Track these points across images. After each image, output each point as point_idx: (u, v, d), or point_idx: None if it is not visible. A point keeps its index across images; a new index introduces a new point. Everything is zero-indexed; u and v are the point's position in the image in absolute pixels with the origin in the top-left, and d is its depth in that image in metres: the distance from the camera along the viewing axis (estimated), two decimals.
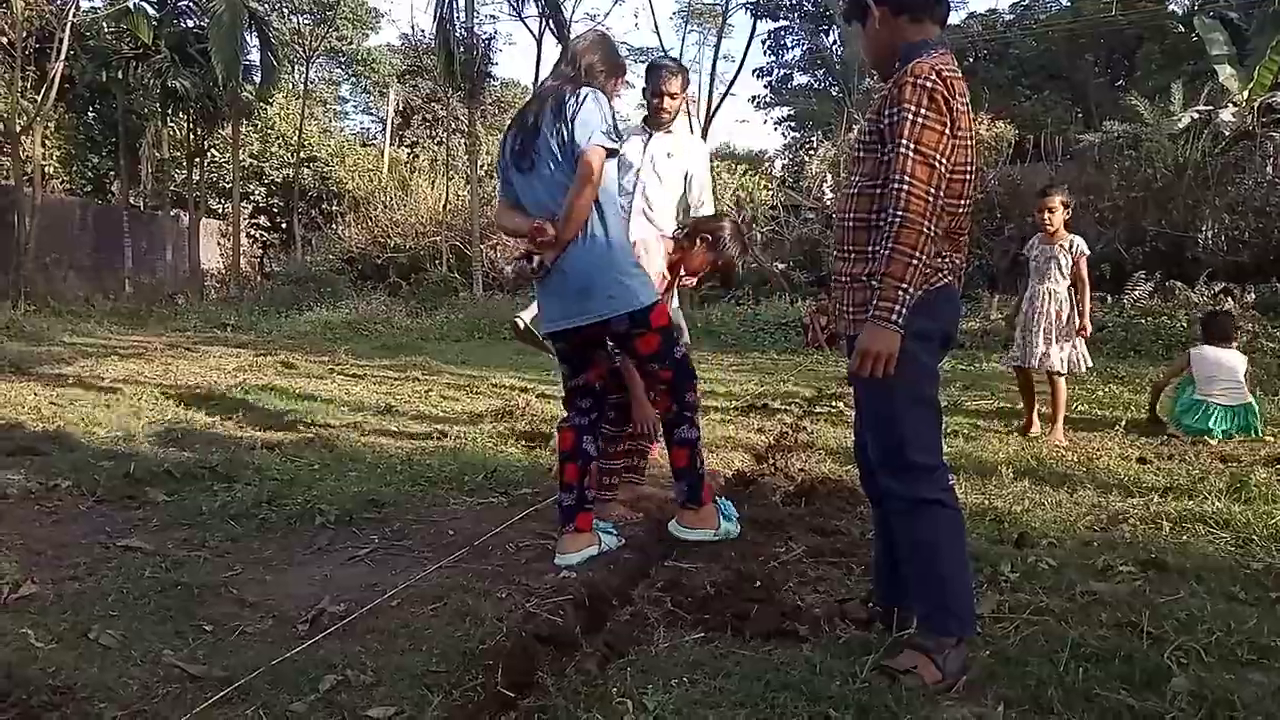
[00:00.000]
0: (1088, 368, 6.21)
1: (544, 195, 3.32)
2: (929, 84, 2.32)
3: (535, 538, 3.64)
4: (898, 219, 2.29)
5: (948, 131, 2.33)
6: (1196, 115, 15.05)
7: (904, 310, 2.31)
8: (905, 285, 2.29)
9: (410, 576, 3.14)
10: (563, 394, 3.63)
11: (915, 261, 2.29)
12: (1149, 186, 14.59)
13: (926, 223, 2.29)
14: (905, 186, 2.29)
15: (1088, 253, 5.94)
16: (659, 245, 3.95)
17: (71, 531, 3.64)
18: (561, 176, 3.27)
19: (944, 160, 2.32)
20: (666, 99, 4.37)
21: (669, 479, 4.33)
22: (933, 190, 2.30)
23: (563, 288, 3.33)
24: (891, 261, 2.30)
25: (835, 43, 29.52)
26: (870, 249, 2.43)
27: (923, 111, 2.31)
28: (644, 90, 4.49)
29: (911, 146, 2.30)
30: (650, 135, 4.42)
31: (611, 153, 3.29)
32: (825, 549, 3.51)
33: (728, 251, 3.91)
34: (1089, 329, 6.00)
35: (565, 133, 3.24)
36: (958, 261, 2.53)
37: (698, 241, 3.92)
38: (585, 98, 3.27)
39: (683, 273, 4.03)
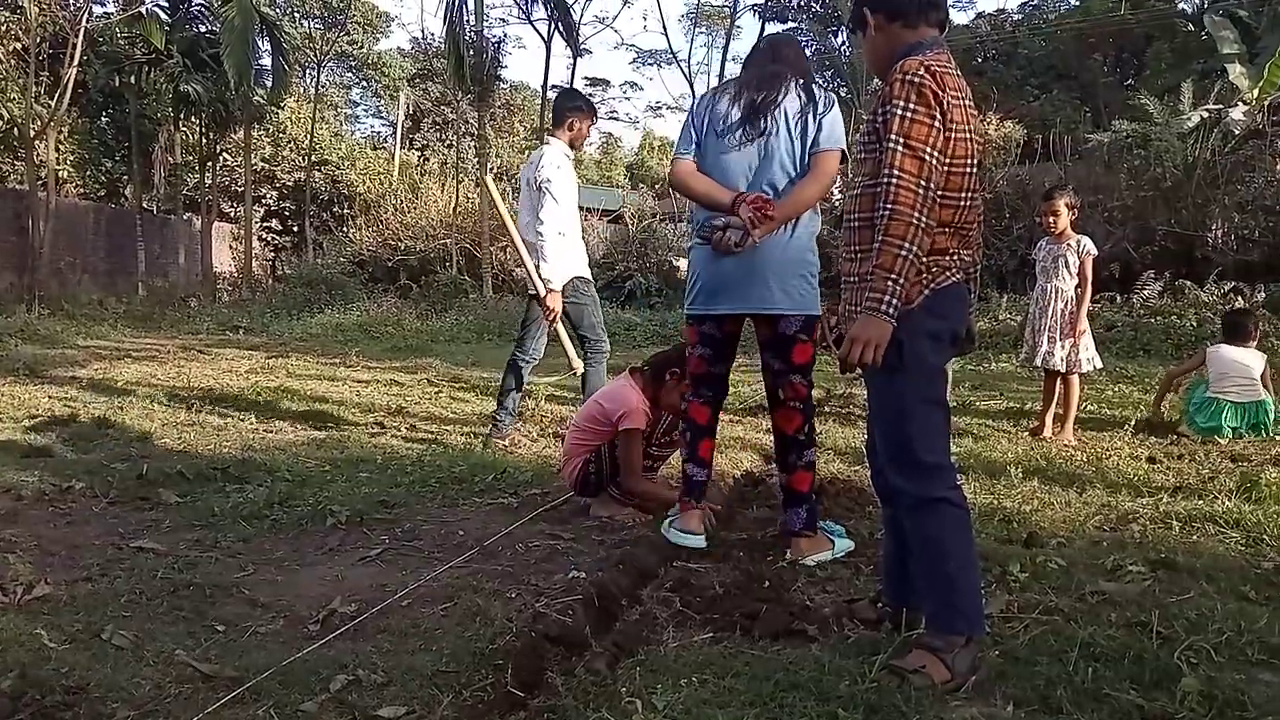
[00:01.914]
0: (1097, 368, 6.17)
1: (748, 170, 3.28)
2: (916, 79, 2.35)
3: (545, 538, 3.65)
4: (887, 211, 2.31)
5: (938, 125, 2.34)
6: (1206, 114, 14.98)
7: (895, 301, 2.32)
8: (894, 275, 2.31)
9: (420, 577, 3.15)
10: (691, 378, 3.60)
11: (904, 252, 2.30)
12: (1158, 186, 14.51)
13: (916, 214, 2.31)
14: (894, 179, 2.31)
15: (1095, 253, 5.89)
16: None
17: (85, 533, 3.67)
18: (788, 159, 3.28)
19: (935, 153, 2.34)
20: (591, 127, 5.45)
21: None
22: (923, 183, 2.32)
23: (753, 273, 3.30)
24: (881, 253, 2.32)
25: (844, 44, 29.45)
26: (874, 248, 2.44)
27: (911, 106, 2.33)
28: (572, 118, 5.33)
29: (900, 141, 2.32)
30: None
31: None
32: None
33: None
34: (1084, 331, 5.88)
35: (811, 124, 3.27)
36: (967, 259, 2.52)
37: (668, 377, 3.94)
38: (834, 103, 3.35)
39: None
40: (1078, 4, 27.42)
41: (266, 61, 23.00)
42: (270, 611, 2.88)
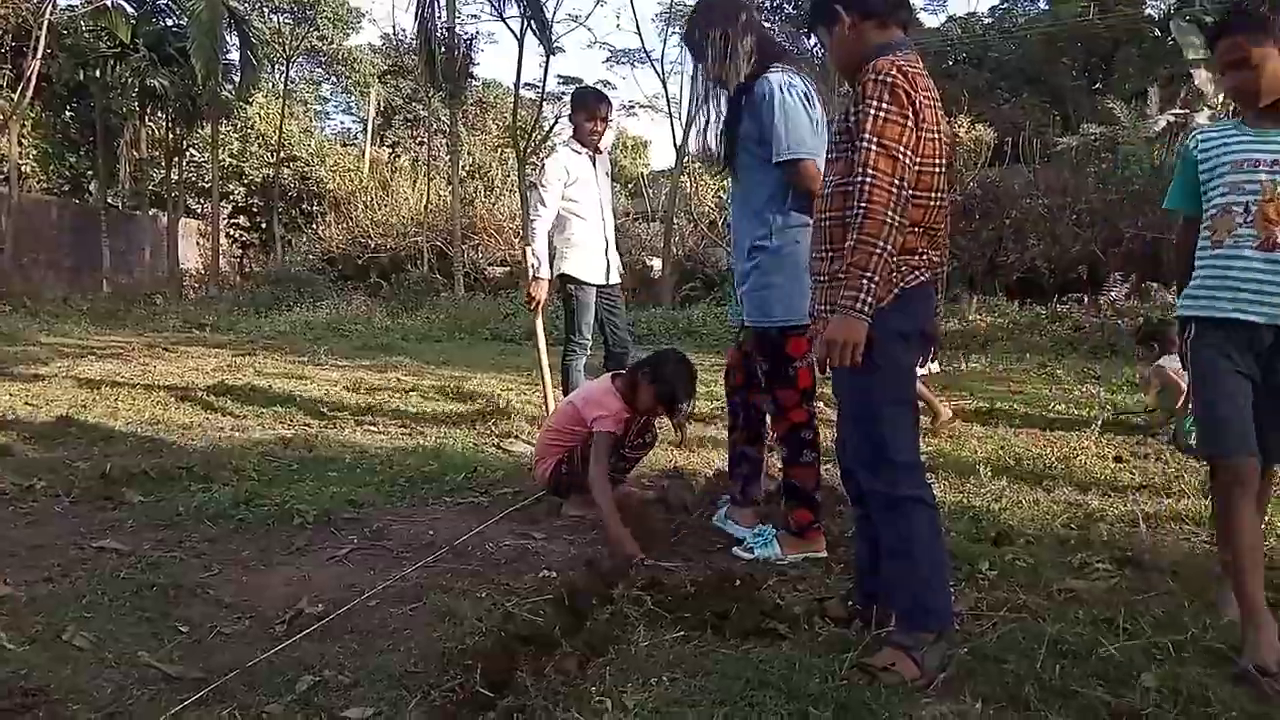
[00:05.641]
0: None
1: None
2: (889, 79, 2.35)
3: (515, 538, 3.63)
4: (861, 210, 2.32)
5: (910, 124, 2.35)
6: (1173, 118, 15.20)
7: (870, 299, 2.32)
8: (869, 274, 2.32)
9: (389, 577, 3.12)
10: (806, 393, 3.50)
11: (879, 251, 2.31)
12: (1126, 188, 14.70)
13: (890, 213, 2.32)
14: (868, 178, 2.32)
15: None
16: None
17: (46, 532, 3.60)
18: None
19: (907, 152, 2.35)
20: (600, 123, 5.33)
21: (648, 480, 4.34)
22: (896, 182, 2.33)
23: None
24: (855, 252, 2.33)
25: (816, 45, 29.62)
26: (846, 247, 2.45)
27: (884, 105, 2.34)
28: (572, 115, 5.46)
29: (874, 140, 2.33)
30: (594, 156, 5.37)
31: None
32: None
33: (672, 383, 3.87)
34: None
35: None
36: (935, 259, 2.54)
37: (639, 379, 3.92)
38: None
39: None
40: (1047, 9, 27.71)
41: (234, 56, 22.82)
42: (235, 612, 2.84)
